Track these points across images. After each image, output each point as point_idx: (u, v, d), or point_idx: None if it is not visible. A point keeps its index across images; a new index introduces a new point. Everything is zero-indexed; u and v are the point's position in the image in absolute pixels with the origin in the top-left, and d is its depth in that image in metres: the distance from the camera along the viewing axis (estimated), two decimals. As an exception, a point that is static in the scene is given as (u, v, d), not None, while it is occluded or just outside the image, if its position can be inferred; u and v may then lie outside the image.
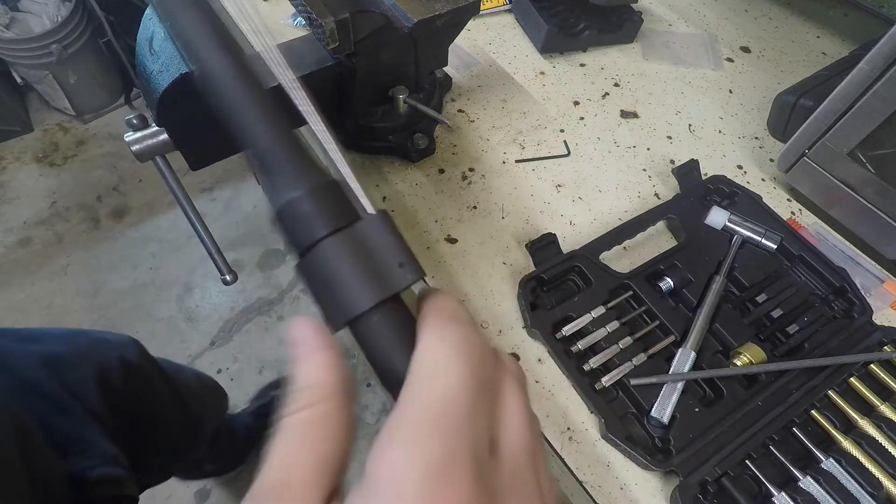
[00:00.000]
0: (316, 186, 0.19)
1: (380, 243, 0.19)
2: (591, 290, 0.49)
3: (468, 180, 0.59)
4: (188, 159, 0.47)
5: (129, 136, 0.44)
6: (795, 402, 0.43)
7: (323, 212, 0.19)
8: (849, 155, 0.52)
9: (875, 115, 0.48)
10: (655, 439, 0.42)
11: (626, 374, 0.44)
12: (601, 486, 0.41)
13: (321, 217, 0.19)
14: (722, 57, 0.75)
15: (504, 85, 0.69)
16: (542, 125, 0.65)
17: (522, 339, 0.48)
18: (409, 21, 0.50)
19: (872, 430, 0.41)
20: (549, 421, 0.44)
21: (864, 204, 0.52)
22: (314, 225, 0.19)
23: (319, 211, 0.19)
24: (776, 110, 0.63)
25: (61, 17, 1.67)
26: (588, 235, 0.54)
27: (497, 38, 0.75)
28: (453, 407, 0.17)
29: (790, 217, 0.58)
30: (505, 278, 0.52)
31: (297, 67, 0.48)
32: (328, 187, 0.20)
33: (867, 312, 0.48)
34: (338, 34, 0.45)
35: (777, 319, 0.48)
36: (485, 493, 0.16)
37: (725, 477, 0.40)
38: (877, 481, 0.39)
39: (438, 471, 0.15)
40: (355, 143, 0.59)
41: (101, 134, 2.05)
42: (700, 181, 0.57)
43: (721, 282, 0.49)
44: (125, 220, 1.85)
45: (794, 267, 0.52)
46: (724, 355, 0.47)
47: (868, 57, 0.47)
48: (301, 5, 0.46)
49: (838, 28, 0.81)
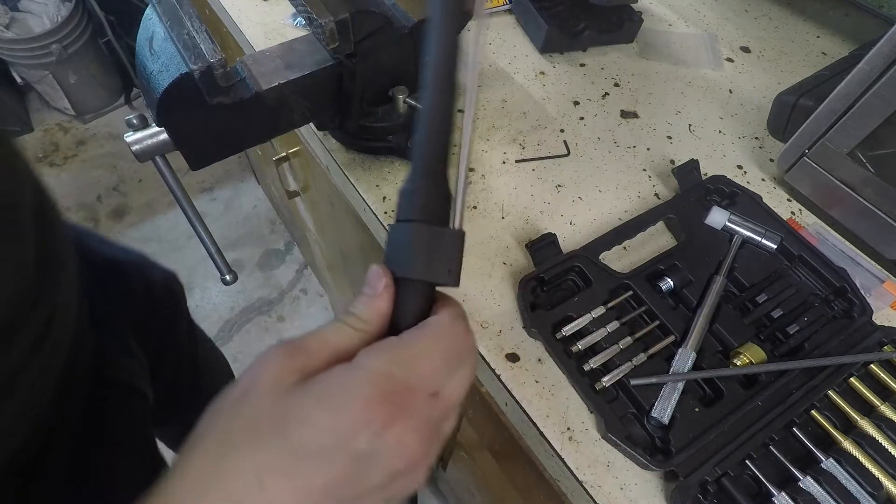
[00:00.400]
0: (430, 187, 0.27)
1: (446, 249, 0.27)
2: (591, 290, 0.49)
3: (468, 180, 0.59)
4: (188, 159, 0.47)
5: (129, 136, 0.44)
6: (795, 402, 0.43)
7: (424, 206, 0.27)
8: (849, 155, 0.52)
9: (875, 115, 0.48)
10: (655, 439, 0.43)
11: (626, 374, 0.44)
12: (601, 486, 0.41)
13: (421, 209, 0.27)
14: (722, 57, 0.75)
15: (504, 85, 0.69)
16: (542, 125, 0.65)
17: (522, 339, 0.48)
18: (409, 21, 0.50)
19: (872, 430, 0.41)
20: (548, 421, 0.44)
21: (864, 204, 0.52)
22: (413, 210, 0.27)
23: (422, 205, 0.27)
24: (776, 110, 0.63)
25: (61, 17, 1.67)
26: (588, 235, 0.54)
27: (497, 38, 0.75)
28: (427, 362, 0.25)
29: (790, 217, 0.58)
30: (505, 278, 0.52)
31: (297, 67, 0.48)
32: (439, 193, 0.27)
33: (867, 312, 0.48)
34: (338, 34, 0.45)
35: (777, 319, 0.48)
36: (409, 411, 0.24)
37: (725, 477, 0.40)
38: (877, 481, 0.39)
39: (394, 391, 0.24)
40: (355, 143, 0.59)
41: (101, 134, 2.05)
42: (700, 181, 0.57)
43: (721, 282, 0.49)
44: (125, 220, 1.85)
45: (794, 267, 0.52)
46: (724, 355, 0.47)
47: (868, 57, 0.47)
48: (301, 5, 0.46)
49: (838, 28, 0.81)
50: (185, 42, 0.40)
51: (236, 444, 0.23)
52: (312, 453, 0.22)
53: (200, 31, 0.41)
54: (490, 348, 0.47)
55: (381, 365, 0.24)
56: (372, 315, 0.27)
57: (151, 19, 0.43)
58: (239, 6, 0.74)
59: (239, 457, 0.22)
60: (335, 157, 0.60)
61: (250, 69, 0.47)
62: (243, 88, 0.45)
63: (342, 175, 0.59)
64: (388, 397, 0.23)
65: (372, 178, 0.58)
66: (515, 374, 0.46)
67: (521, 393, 0.45)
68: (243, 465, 0.22)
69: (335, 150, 0.60)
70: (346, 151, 0.60)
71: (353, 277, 1.07)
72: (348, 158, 0.60)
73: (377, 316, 0.27)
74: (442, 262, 0.27)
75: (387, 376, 0.24)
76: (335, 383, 0.23)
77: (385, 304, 0.27)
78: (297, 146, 0.92)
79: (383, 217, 0.55)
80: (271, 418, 0.23)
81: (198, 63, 0.39)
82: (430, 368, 0.25)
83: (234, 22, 0.73)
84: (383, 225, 0.55)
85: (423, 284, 0.27)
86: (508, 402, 0.46)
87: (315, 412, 0.23)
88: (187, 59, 0.40)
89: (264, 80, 0.46)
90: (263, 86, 0.46)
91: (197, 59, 0.39)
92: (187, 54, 0.40)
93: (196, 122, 0.44)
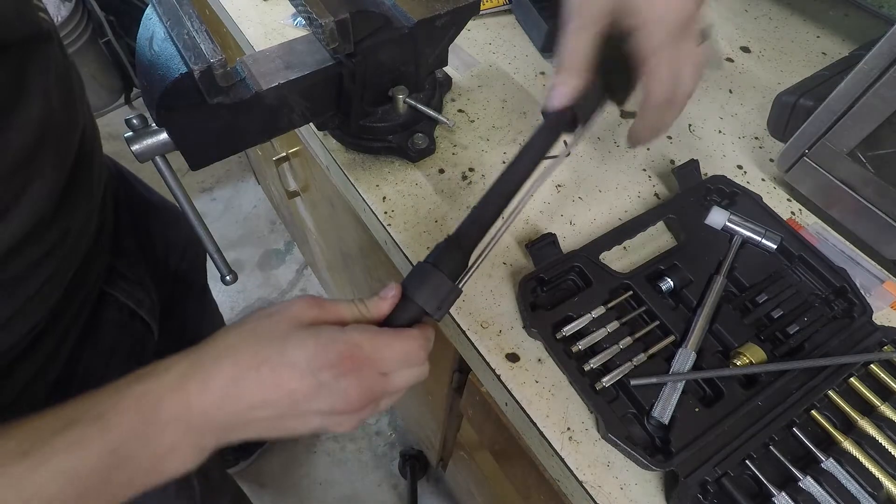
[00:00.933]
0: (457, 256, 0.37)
1: (445, 296, 0.36)
2: (591, 290, 0.49)
3: (468, 180, 0.59)
4: (188, 159, 0.47)
5: (129, 136, 0.44)
6: (795, 402, 0.43)
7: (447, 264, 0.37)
8: (849, 155, 0.52)
9: (875, 115, 0.48)
10: (655, 439, 0.43)
11: (626, 374, 0.44)
12: (601, 486, 0.41)
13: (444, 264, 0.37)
14: (722, 57, 0.75)
15: (504, 85, 0.69)
16: (542, 125, 0.64)
17: (522, 339, 0.48)
18: (409, 21, 0.50)
19: (872, 430, 0.41)
20: (548, 421, 0.44)
21: (864, 204, 0.52)
22: (440, 262, 0.37)
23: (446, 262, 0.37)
24: (776, 110, 0.63)
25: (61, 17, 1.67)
26: (588, 235, 0.54)
27: (497, 38, 0.75)
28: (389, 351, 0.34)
29: (790, 217, 0.58)
30: (505, 278, 0.52)
31: (297, 67, 0.48)
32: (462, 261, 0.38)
33: (867, 312, 0.48)
34: (338, 34, 0.45)
35: (777, 319, 0.48)
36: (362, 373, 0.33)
37: (725, 477, 0.40)
38: (877, 481, 0.39)
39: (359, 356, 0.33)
40: (355, 143, 0.59)
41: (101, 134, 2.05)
42: (700, 181, 0.57)
43: (721, 282, 0.49)
44: (125, 220, 1.85)
45: (795, 267, 0.52)
46: (724, 355, 0.47)
47: (868, 57, 0.47)
48: (301, 5, 0.46)
49: (838, 28, 0.81)
50: (185, 42, 0.40)
51: (255, 338, 0.33)
52: (295, 366, 0.32)
53: (200, 31, 0.41)
54: (490, 348, 0.47)
55: (358, 337, 0.33)
56: (373, 309, 0.36)
57: (151, 19, 0.43)
58: (239, 6, 0.74)
59: (253, 346, 0.33)
60: (335, 157, 0.60)
61: (250, 69, 0.47)
62: (243, 88, 0.45)
63: (342, 175, 0.59)
64: (352, 358, 0.33)
65: (372, 178, 0.58)
66: (515, 374, 0.46)
67: (521, 393, 0.45)
68: (254, 352, 0.32)
69: (335, 150, 0.60)
70: (346, 151, 0.60)
71: (353, 277, 1.07)
72: (348, 158, 0.60)
73: (377, 311, 0.36)
74: (438, 301, 0.36)
75: (358, 345, 0.33)
76: (327, 334, 0.33)
77: (387, 306, 0.36)
78: (297, 146, 0.92)
79: (383, 217, 0.55)
80: (282, 335, 0.33)
81: (198, 63, 0.39)
82: (389, 356, 0.34)
83: (234, 22, 0.73)
84: (383, 225, 0.55)
85: (417, 308, 0.36)
86: (508, 402, 0.46)
87: (308, 343, 0.32)
88: (187, 59, 0.40)
89: (264, 80, 0.46)
90: (263, 86, 0.46)
91: (197, 59, 0.39)
92: (187, 54, 0.40)
93: (196, 122, 0.44)
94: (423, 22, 0.50)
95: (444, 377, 0.72)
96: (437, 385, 0.78)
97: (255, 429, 0.33)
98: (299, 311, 0.34)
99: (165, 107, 0.41)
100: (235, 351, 0.33)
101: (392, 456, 1.47)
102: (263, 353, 0.32)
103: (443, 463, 1.15)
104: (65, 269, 0.47)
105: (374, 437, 1.51)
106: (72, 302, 0.50)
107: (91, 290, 0.54)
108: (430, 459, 1.29)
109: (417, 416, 1.13)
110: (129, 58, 1.79)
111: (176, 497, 0.64)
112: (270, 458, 1.46)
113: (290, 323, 0.33)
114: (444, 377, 0.72)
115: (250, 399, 0.32)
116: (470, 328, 0.48)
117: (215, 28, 0.88)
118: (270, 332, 0.33)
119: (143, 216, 0.71)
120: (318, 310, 0.35)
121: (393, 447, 1.49)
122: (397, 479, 1.44)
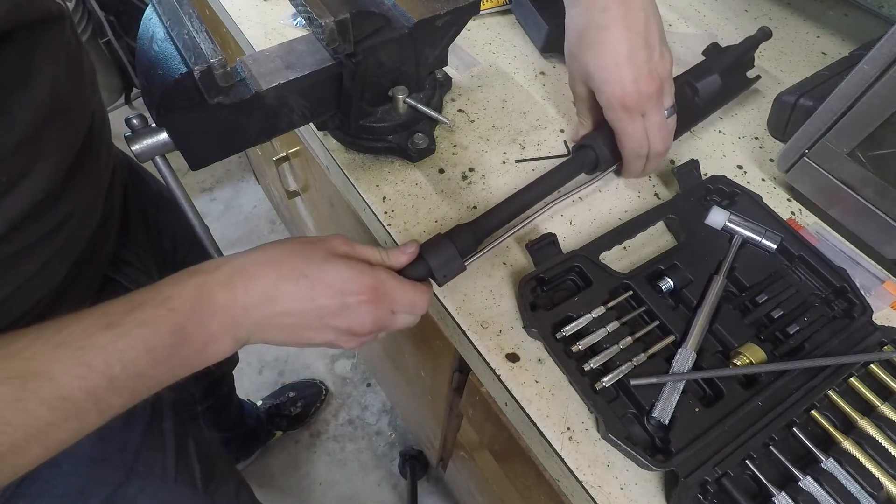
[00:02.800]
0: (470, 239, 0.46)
1: (453, 267, 0.45)
2: (591, 290, 0.49)
3: (468, 180, 0.59)
4: (188, 159, 0.47)
5: (129, 135, 0.44)
6: (795, 402, 0.43)
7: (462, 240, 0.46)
8: (849, 155, 0.52)
9: (875, 115, 0.48)
10: (655, 439, 0.43)
11: (626, 375, 0.44)
12: (601, 486, 0.41)
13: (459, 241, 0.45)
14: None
15: (504, 85, 0.69)
16: (542, 125, 0.65)
17: (522, 339, 0.48)
18: (409, 21, 0.50)
19: (872, 430, 0.41)
20: (548, 421, 0.44)
21: (864, 204, 0.52)
22: (456, 239, 0.45)
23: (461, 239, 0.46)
24: (776, 110, 0.63)
25: (61, 17, 1.66)
26: (588, 235, 0.54)
27: (497, 38, 0.75)
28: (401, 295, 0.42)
29: (790, 217, 0.58)
30: (505, 278, 0.52)
31: (297, 67, 0.48)
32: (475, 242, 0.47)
33: (867, 312, 0.48)
34: (338, 34, 0.45)
35: (777, 320, 0.48)
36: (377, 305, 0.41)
37: (725, 477, 0.40)
38: (877, 481, 0.39)
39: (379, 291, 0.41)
40: (355, 143, 0.59)
41: (101, 134, 2.05)
42: (700, 181, 0.57)
43: (721, 282, 0.49)
44: (125, 220, 1.85)
45: (795, 267, 0.52)
46: (724, 355, 0.47)
47: (868, 57, 0.47)
48: (301, 5, 0.46)
49: (838, 28, 0.81)
50: (185, 42, 0.40)
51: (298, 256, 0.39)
52: (330, 286, 0.39)
53: (200, 31, 0.41)
54: (490, 348, 0.47)
55: (384, 276, 0.41)
56: (393, 258, 0.44)
57: (151, 19, 0.43)
58: (239, 6, 0.74)
59: (295, 262, 0.39)
60: (335, 157, 0.60)
61: (250, 69, 0.47)
62: (243, 88, 0.45)
63: (342, 175, 0.59)
64: (376, 291, 0.40)
65: (372, 178, 0.58)
66: (515, 374, 0.46)
67: (521, 393, 0.45)
68: (295, 266, 0.39)
69: (335, 150, 0.60)
70: (346, 151, 0.60)
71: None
72: (348, 158, 0.60)
73: (395, 260, 0.44)
74: (446, 269, 0.45)
75: (383, 283, 0.41)
76: (360, 267, 0.40)
77: (405, 259, 0.44)
78: (297, 146, 0.92)
79: (383, 217, 0.55)
80: (321, 258, 0.39)
81: (198, 63, 0.39)
82: (402, 299, 0.42)
83: (234, 22, 0.73)
84: (383, 225, 0.55)
85: (427, 269, 0.44)
86: (508, 403, 0.46)
87: (343, 270, 0.39)
88: (187, 59, 0.39)
89: (264, 80, 0.46)
90: (263, 86, 0.46)
91: (197, 59, 0.39)
92: (187, 54, 0.40)
93: (196, 122, 0.44)
94: (423, 22, 0.50)
95: (444, 377, 0.72)
96: (437, 385, 0.78)
97: (280, 334, 0.39)
98: (336, 244, 0.41)
99: (165, 107, 0.41)
100: (279, 264, 0.39)
101: (392, 456, 1.47)
102: (304, 269, 0.38)
103: (443, 463, 1.15)
104: (68, 251, 0.48)
105: (374, 437, 1.51)
106: (75, 285, 0.51)
107: (95, 274, 0.56)
108: (430, 459, 1.29)
109: (417, 416, 1.13)
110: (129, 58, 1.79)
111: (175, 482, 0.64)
112: (270, 458, 1.46)
113: (329, 251, 0.40)
114: (444, 377, 0.72)
115: (284, 305, 0.38)
116: (470, 328, 0.48)
117: (215, 28, 0.88)
118: (311, 254, 0.39)
119: (152, 208, 0.72)
120: (350, 248, 0.42)
121: (393, 447, 1.49)
122: (397, 479, 1.44)
